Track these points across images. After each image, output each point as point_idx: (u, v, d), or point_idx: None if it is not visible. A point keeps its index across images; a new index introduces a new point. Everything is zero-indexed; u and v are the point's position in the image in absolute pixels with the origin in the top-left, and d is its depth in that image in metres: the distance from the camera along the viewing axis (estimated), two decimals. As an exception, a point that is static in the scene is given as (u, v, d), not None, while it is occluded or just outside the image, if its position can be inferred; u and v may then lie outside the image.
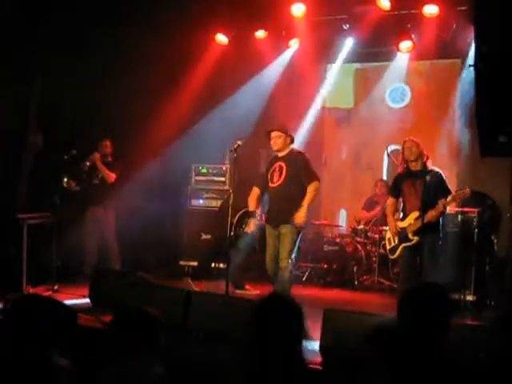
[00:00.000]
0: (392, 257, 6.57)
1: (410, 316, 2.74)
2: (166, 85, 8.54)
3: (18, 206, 7.43)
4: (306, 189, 6.29)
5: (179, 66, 8.59)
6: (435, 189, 6.10)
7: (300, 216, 6.21)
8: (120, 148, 8.11)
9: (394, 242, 6.44)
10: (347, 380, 3.84)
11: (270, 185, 6.48)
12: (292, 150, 6.50)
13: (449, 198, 6.04)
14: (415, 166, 6.27)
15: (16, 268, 6.64)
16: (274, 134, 6.44)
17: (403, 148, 6.34)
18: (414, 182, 6.22)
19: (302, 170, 6.34)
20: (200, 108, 8.93)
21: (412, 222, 6.18)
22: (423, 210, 6.03)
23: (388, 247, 6.58)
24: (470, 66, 3.03)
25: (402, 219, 6.38)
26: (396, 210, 6.59)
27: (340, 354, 4.48)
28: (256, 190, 6.66)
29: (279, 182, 6.38)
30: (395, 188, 6.50)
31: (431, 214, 6.04)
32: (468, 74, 8.07)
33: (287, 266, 6.16)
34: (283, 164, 6.40)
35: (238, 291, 7.51)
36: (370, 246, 8.61)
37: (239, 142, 6.58)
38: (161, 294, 5.59)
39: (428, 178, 6.13)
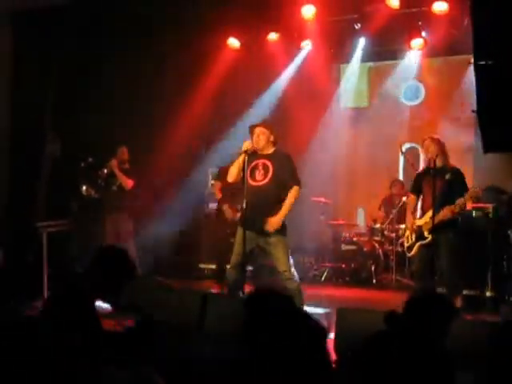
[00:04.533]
0: (409, 254, 6.58)
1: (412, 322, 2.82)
2: (181, 90, 8.62)
3: (37, 215, 7.55)
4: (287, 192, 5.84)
5: (193, 70, 8.66)
6: (454, 187, 6.12)
7: (275, 221, 5.72)
8: (136, 154, 8.18)
9: (412, 239, 6.44)
10: (361, 378, 3.85)
11: (251, 182, 5.88)
12: (278, 150, 6.02)
13: (462, 199, 6.02)
14: (436, 164, 6.24)
15: (36, 275, 6.75)
16: (257, 129, 5.93)
17: (422, 147, 6.36)
18: (433, 180, 6.19)
19: (287, 172, 5.87)
20: (214, 112, 8.99)
21: (428, 220, 6.14)
22: (438, 209, 6.05)
23: (406, 245, 6.58)
24: (469, 63, 3.03)
25: (421, 217, 6.39)
26: (416, 208, 6.59)
27: (354, 352, 4.50)
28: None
29: (264, 182, 5.85)
30: (416, 185, 6.47)
31: (444, 213, 6.06)
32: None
33: (291, 277, 5.76)
34: (269, 163, 5.88)
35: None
36: (388, 244, 8.61)
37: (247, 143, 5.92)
38: (177, 297, 5.63)
39: (447, 176, 6.16)
